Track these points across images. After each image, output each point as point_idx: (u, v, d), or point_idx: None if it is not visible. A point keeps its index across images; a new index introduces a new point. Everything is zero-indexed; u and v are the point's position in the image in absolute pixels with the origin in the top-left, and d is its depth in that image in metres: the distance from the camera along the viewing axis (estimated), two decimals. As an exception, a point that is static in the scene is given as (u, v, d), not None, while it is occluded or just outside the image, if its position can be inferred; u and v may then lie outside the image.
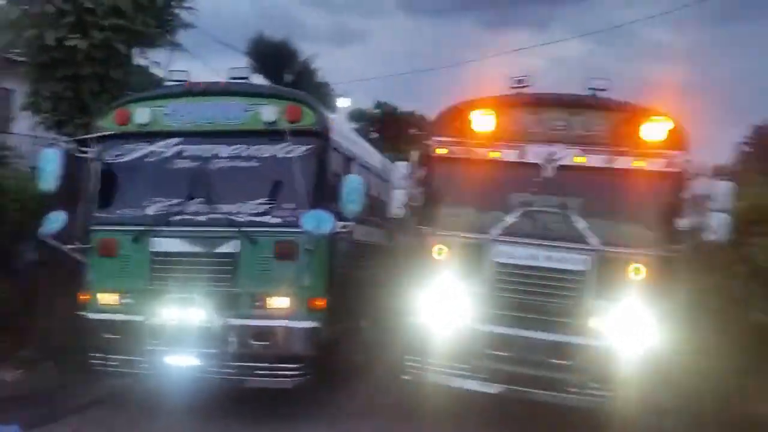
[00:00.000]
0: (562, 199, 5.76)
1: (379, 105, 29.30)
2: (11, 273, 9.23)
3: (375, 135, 27.64)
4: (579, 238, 5.60)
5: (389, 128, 27.75)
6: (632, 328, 5.40)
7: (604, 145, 5.73)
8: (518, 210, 5.78)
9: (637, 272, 5.49)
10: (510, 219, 5.76)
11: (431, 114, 6.32)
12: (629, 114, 5.76)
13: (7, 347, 7.84)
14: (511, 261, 5.70)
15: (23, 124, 11.80)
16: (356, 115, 28.12)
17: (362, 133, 26.93)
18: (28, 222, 8.63)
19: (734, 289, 6.79)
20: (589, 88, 5.87)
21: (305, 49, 19.64)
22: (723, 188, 5.42)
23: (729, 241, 5.76)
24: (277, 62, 16.38)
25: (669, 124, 5.68)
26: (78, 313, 6.25)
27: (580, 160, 5.76)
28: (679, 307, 5.60)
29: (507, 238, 5.72)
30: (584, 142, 5.77)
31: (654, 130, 5.66)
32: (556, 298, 5.57)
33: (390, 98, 29.87)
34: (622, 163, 5.69)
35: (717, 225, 5.37)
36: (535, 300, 5.59)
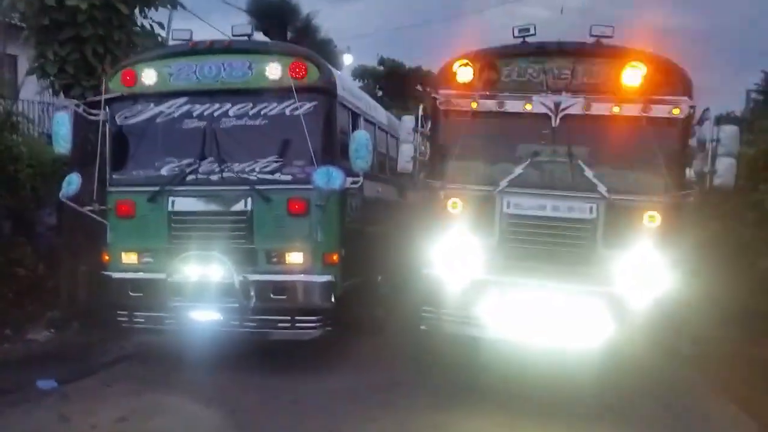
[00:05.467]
0: (569, 149, 5.79)
1: (382, 61, 28.84)
2: (32, 238, 9.51)
3: (380, 92, 27.35)
4: (586, 187, 5.64)
5: (395, 84, 27.39)
6: (641, 275, 5.44)
7: (609, 93, 5.72)
8: (525, 161, 5.83)
9: (644, 219, 5.54)
10: (518, 170, 5.80)
11: (436, 68, 6.30)
12: (633, 60, 5.72)
13: (36, 310, 8.15)
14: (520, 212, 5.76)
15: (30, 89, 11.90)
16: (360, 72, 27.74)
17: (367, 90, 26.77)
18: (44, 187, 8.91)
19: (743, 235, 6.85)
20: (592, 35, 5.82)
21: (306, 6, 19.31)
22: (729, 133, 5.43)
23: (737, 187, 5.82)
24: (278, 20, 16.16)
25: (673, 70, 5.66)
26: (102, 272, 6.47)
27: (585, 108, 5.77)
28: (688, 253, 5.70)
29: (515, 189, 5.78)
30: (590, 90, 5.75)
31: (658, 77, 5.64)
32: (565, 247, 5.66)
33: (394, 54, 29.32)
34: (627, 110, 5.65)
35: (723, 170, 5.39)
36: (544, 250, 5.69)
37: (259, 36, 7.15)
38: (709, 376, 6.50)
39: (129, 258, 6.32)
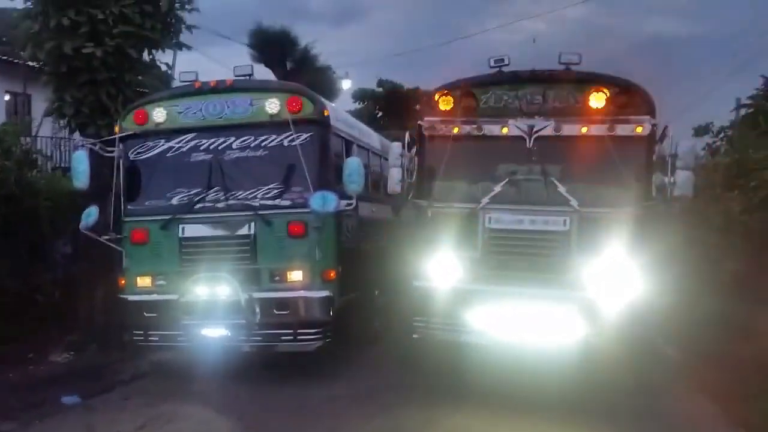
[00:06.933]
0: (543, 167, 6.30)
1: (381, 83, 29.62)
2: (49, 267, 10.10)
3: (379, 113, 28.02)
4: (560, 201, 6.13)
5: (393, 106, 28.08)
6: (612, 279, 5.90)
7: (578, 115, 6.26)
8: (504, 179, 6.34)
9: (613, 229, 6.01)
10: (497, 188, 6.30)
11: (433, 88, 6.84)
12: (599, 85, 6.27)
13: (56, 334, 8.70)
14: (500, 226, 6.27)
15: (45, 127, 12.61)
16: (359, 95, 28.49)
17: (367, 112, 27.45)
18: (61, 219, 9.51)
19: (710, 240, 7.34)
20: (561, 63, 6.39)
21: (306, 31, 20.02)
22: (686, 148, 5.97)
23: (702, 196, 6.32)
24: (278, 51, 16.94)
25: (637, 92, 6.21)
26: (119, 295, 7.04)
27: (556, 130, 6.31)
28: (655, 259, 6.18)
29: (495, 206, 6.28)
30: (560, 114, 6.29)
31: (622, 99, 6.18)
32: (542, 257, 6.15)
33: (393, 75, 30.15)
34: (594, 130, 6.19)
35: (682, 182, 5.91)
36: (523, 260, 6.18)
37: (260, 68, 7.77)
38: (687, 375, 6.93)
39: (143, 281, 6.88)
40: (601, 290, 5.95)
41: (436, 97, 6.72)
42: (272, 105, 6.66)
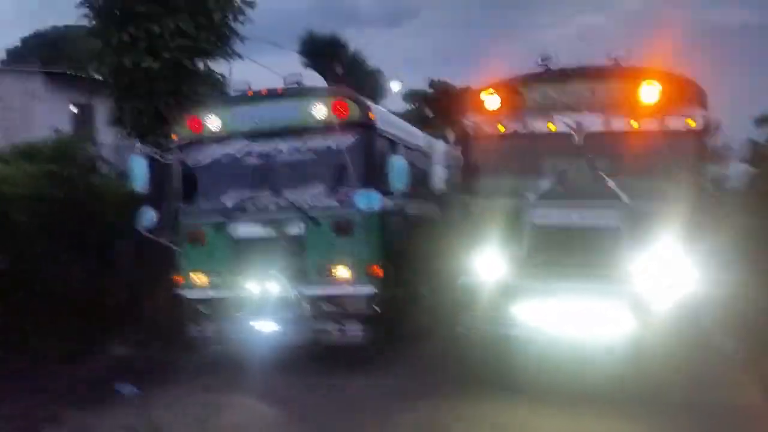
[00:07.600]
0: (592, 163, 6.21)
1: (432, 84, 29.67)
2: (113, 269, 10.60)
3: (431, 115, 28.10)
4: (609, 196, 6.03)
5: (445, 106, 28.08)
6: (664, 275, 5.76)
7: (627, 110, 6.15)
8: (551, 175, 6.31)
9: (664, 223, 5.88)
10: (545, 184, 6.27)
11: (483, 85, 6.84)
12: (648, 79, 6.15)
13: (120, 332, 9.12)
14: (547, 222, 6.21)
15: (106, 134, 13.28)
16: (410, 97, 28.65)
17: (418, 114, 27.53)
18: (123, 221, 9.98)
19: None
20: (610, 57, 6.30)
21: (357, 33, 20.32)
22: (741, 140, 5.80)
23: (760, 186, 6.09)
24: (329, 57, 17.30)
25: (687, 85, 6.06)
26: (176, 293, 7.37)
27: (605, 126, 6.22)
28: (710, 252, 6.00)
29: (543, 201, 6.24)
30: (609, 109, 6.21)
31: (672, 92, 6.05)
32: (590, 252, 6.02)
33: (445, 74, 30.16)
34: (644, 125, 6.10)
35: (736, 174, 5.74)
36: (571, 255, 6.08)
37: (311, 74, 7.99)
38: (745, 369, 6.66)
39: (200, 279, 7.22)
40: (652, 285, 5.81)
41: (481, 95, 6.75)
42: (320, 110, 6.88)
